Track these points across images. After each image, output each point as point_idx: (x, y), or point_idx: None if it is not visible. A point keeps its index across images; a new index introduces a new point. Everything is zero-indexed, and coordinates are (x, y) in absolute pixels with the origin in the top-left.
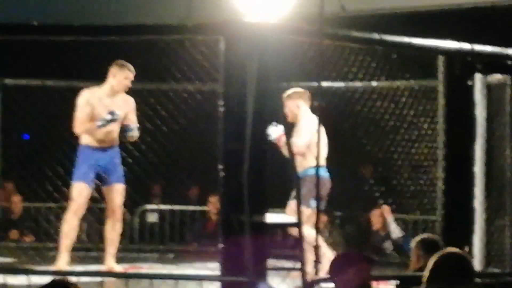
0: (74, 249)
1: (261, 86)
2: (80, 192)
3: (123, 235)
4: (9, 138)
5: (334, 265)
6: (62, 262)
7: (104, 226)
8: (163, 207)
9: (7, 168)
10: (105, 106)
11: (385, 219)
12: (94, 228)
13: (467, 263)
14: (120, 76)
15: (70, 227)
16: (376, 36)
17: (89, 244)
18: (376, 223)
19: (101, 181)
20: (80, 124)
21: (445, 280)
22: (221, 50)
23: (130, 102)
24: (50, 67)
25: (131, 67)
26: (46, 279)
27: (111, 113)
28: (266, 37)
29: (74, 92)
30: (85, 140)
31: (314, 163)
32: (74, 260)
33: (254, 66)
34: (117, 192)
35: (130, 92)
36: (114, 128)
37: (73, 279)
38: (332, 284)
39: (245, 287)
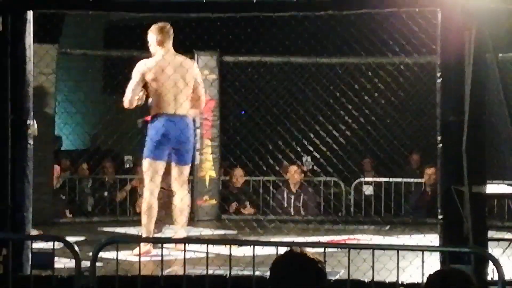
0: None
1: (479, 57)
2: None
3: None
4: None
5: None
6: None
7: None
8: (378, 179)
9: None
10: None
11: None
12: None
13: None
14: None
15: None
16: None
17: None
18: None
19: None
20: None
21: None
22: (438, 21)
23: None
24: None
25: None
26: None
27: None
28: (483, 8)
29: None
30: None
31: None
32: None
33: (471, 37)
34: None
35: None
36: None
37: None
38: None
39: (465, 258)
